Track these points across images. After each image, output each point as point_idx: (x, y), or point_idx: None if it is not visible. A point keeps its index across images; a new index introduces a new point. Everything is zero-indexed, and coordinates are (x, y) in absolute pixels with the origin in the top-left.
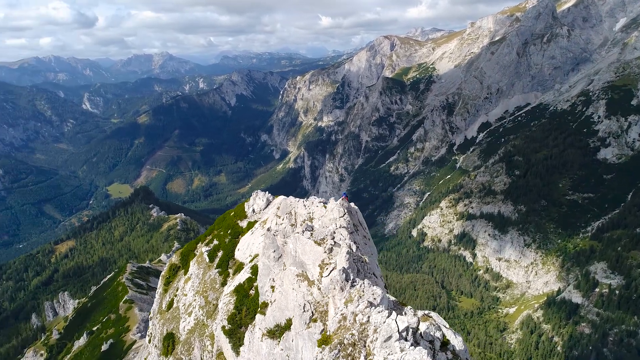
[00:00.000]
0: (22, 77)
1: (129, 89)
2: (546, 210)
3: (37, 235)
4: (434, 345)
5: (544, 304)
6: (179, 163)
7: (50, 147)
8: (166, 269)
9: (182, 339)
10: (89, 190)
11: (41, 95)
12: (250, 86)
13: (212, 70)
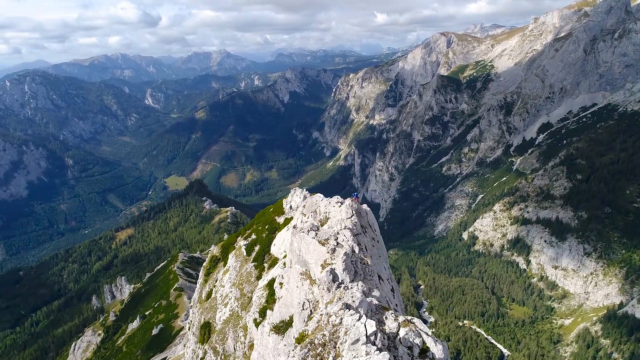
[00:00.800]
0: (92, 73)
1: (188, 85)
2: (610, 218)
3: (100, 222)
4: (412, 352)
5: (603, 317)
6: (232, 158)
7: (115, 139)
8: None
9: (218, 328)
10: (148, 182)
11: (108, 91)
12: (303, 83)
13: (267, 67)
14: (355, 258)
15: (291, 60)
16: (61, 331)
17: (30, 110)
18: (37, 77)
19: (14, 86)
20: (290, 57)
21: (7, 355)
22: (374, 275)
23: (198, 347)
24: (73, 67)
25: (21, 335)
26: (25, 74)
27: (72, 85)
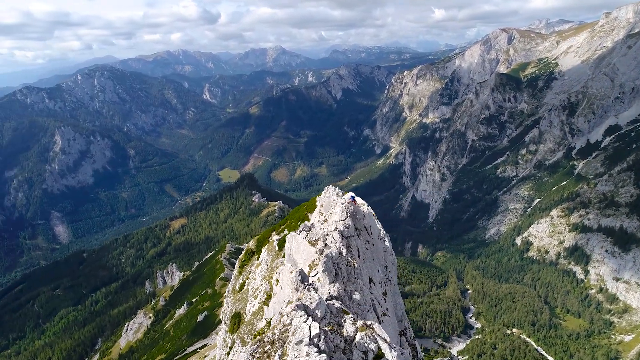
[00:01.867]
0: (155, 69)
1: (244, 81)
2: None
3: (157, 211)
4: (367, 356)
5: None
6: (284, 153)
7: (174, 132)
8: (243, 253)
9: (247, 319)
10: (203, 174)
11: (169, 86)
12: (356, 80)
13: (322, 64)
14: (339, 260)
15: (345, 57)
16: (117, 312)
17: (98, 103)
18: (105, 72)
19: (85, 80)
20: (344, 54)
21: (70, 330)
22: (360, 278)
23: (228, 336)
24: (138, 63)
25: (82, 312)
26: (95, 68)
27: (137, 80)
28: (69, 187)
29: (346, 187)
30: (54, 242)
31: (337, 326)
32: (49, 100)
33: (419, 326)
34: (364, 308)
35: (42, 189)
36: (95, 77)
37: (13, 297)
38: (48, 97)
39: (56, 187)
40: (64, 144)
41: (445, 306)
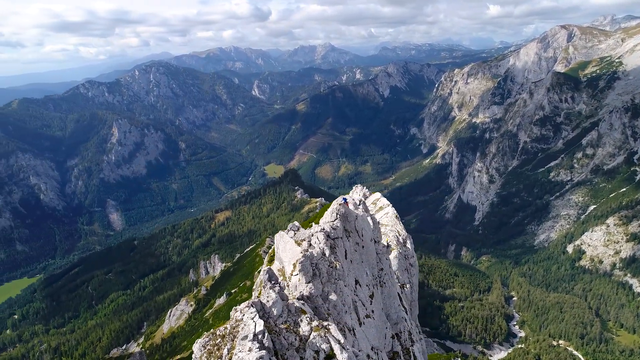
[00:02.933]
0: (208, 65)
1: (293, 77)
2: None
3: (204, 203)
4: (318, 356)
5: None
6: (328, 150)
7: (223, 127)
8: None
9: None
10: (249, 168)
11: (220, 82)
12: (405, 78)
13: (370, 61)
14: (319, 260)
15: (395, 54)
16: (162, 298)
17: (153, 97)
18: (160, 67)
19: (142, 75)
20: (394, 51)
21: (119, 313)
22: (342, 280)
23: None
24: (191, 59)
25: (130, 297)
26: (151, 64)
27: (189, 76)
28: (123, 177)
29: (390, 186)
30: (108, 228)
31: (294, 325)
32: (108, 94)
33: (459, 331)
34: (340, 309)
35: (100, 178)
36: (151, 73)
37: (70, 278)
38: (108, 91)
39: (112, 177)
40: (120, 136)
41: (487, 312)
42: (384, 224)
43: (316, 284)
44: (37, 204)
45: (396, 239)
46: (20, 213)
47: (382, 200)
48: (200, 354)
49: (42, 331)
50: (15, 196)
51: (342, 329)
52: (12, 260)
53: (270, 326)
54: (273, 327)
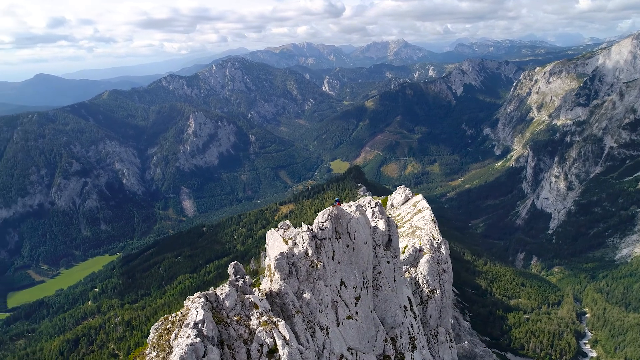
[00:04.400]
0: (281, 60)
1: (363, 74)
2: None
3: (270, 195)
4: (262, 349)
5: None
6: (395, 148)
7: (292, 121)
8: None
9: None
10: (315, 163)
11: (291, 77)
12: (480, 76)
13: (444, 58)
14: (297, 259)
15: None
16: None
17: (227, 91)
18: (236, 62)
19: (218, 70)
20: (470, 48)
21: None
22: (322, 280)
23: None
24: (266, 55)
25: (196, 280)
26: (227, 59)
27: (262, 71)
28: (197, 166)
29: (458, 187)
30: (181, 214)
31: (246, 318)
32: (187, 87)
33: (522, 344)
34: (314, 308)
35: (176, 166)
36: (227, 68)
37: (144, 259)
38: (187, 84)
39: (187, 166)
40: (196, 127)
41: (555, 327)
42: (420, 227)
43: (291, 282)
44: (120, 188)
45: (430, 243)
46: (105, 195)
47: (422, 203)
48: (153, 336)
49: (118, 305)
50: (102, 180)
51: (312, 327)
52: (96, 238)
53: (221, 317)
54: (224, 319)
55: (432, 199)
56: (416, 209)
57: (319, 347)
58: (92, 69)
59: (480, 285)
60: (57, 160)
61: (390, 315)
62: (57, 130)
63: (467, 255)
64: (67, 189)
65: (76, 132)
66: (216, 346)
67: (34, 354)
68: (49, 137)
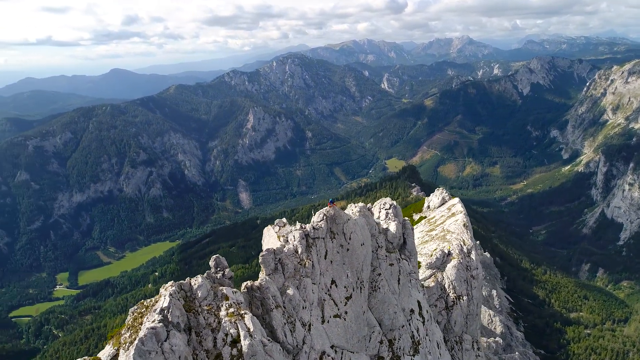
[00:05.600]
0: (340, 57)
1: (424, 71)
2: None
3: (325, 191)
4: (227, 338)
5: None
6: (454, 148)
7: (349, 118)
8: None
9: None
10: (371, 161)
11: (350, 74)
12: (549, 75)
13: (512, 55)
14: (284, 256)
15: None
16: None
17: (286, 88)
18: (296, 59)
19: (278, 66)
20: (541, 45)
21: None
22: (309, 277)
23: None
24: (325, 51)
25: (247, 270)
26: (288, 56)
27: (322, 68)
28: (254, 160)
29: (520, 191)
30: (237, 206)
31: (216, 308)
32: (248, 82)
33: None
34: (297, 304)
35: (234, 159)
36: (287, 64)
37: (201, 247)
38: (248, 80)
39: (244, 159)
40: (255, 122)
41: (620, 345)
42: (451, 231)
43: (276, 278)
44: (182, 178)
45: (459, 248)
46: (168, 185)
47: (457, 206)
48: (129, 318)
49: None
50: (166, 170)
51: (293, 322)
52: (159, 225)
53: (193, 306)
54: (195, 307)
55: (490, 202)
56: (450, 212)
57: (298, 342)
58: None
59: (538, 295)
60: (126, 150)
61: (388, 317)
62: (127, 121)
63: (525, 263)
64: (134, 177)
65: (144, 124)
66: (182, 332)
67: (99, 329)
68: (120, 128)
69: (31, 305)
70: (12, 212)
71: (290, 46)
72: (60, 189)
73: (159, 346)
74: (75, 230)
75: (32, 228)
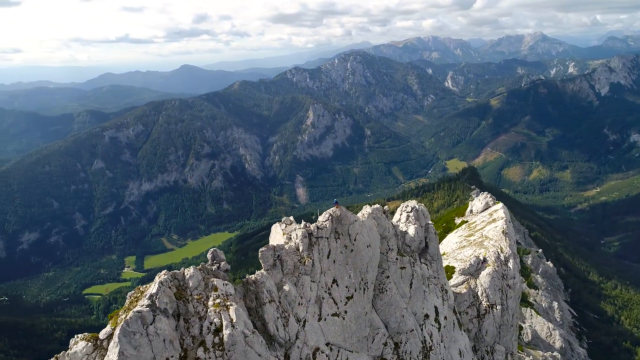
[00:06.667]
0: (404, 54)
1: (491, 70)
2: None
3: (381, 190)
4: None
5: None
6: (521, 150)
7: (409, 117)
8: None
9: None
10: (430, 161)
11: (412, 72)
12: (632, 74)
13: (590, 53)
14: (283, 252)
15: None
16: None
17: (347, 85)
18: (358, 56)
19: (340, 64)
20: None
21: None
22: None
23: None
24: (388, 49)
25: None
26: (350, 53)
27: (384, 65)
28: (312, 156)
29: (592, 199)
30: (294, 201)
31: (206, 298)
32: (309, 79)
33: None
34: (292, 300)
35: (293, 155)
36: (348, 61)
37: (258, 239)
38: (309, 77)
39: (303, 155)
40: (314, 119)
41: None
42: (489, 238)
43: (274, 273)
44: (242, 171)
45: (496, 255)
46: (229, 177)
47: (499, 212)
48: (127, 302)
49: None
50: (228, 163)
51: (286, 317)
52: (219, 215)
53: (184, 294)
54: (186, 296)
55: (558, 209)
56: (491, 218)
57: (290, 337)
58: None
59: (606, 311)
60: (191, 142)
61: (395, 320)
62: (193, 115)
63: (592, 275)
64: (198, 169)
65: (209, 118)
66: (169, 317)
67: None
68: (187, 121)
69: (102, 284)
70: (89, 197)
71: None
72: (131, 178)
73: (144, 329)
74: (143, 217)
75: (105, 213)
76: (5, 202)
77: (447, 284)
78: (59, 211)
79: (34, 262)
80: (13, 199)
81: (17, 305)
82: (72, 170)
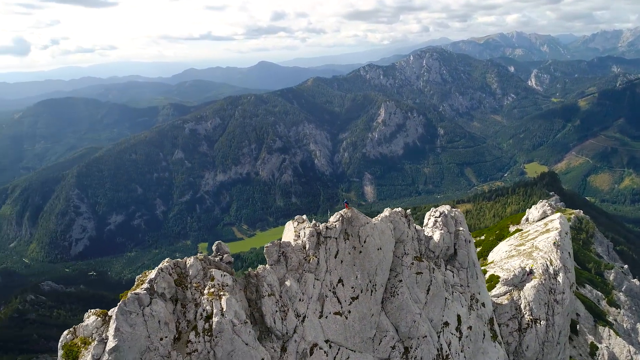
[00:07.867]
0: (484, 51)
1: (582, 68)
2: None
3: (452, 192)
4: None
5: None
6: (611, 156)
7: (487, 117)
8: None
9: None
10: (507, 164)
11: (492, 69)
12: None
13: None
14: (289, 249)
15: None
16: None
17: (422, 82)
18: (434, 53)
19: (415, 61)
20: None
21: None
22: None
23: None
24: (468, 45)
25: None
26: (426, 50)
27: (461, 62)
28: (382, 154)
29: None
30: (362, 198)
31: (203, 287)
32: (383, 76)
33: None
34: (293, 295)
35: (362, 152)
36: (424, 58)
37: None
38: (383, 74)
39: (372, 153)
40: (385, 116)
41: None
42: (539, 249)
43: (277, 269)
44: (311, 166)
45: (544, 267)
46: (298, 172)
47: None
48: (135, 284)
49: None
50: (298, 157)
51: (285, 311)
52: (287, 208)
53: (184, 282)
54: (186, 283)
55: None
56: (545, 228)
57: (288, 330)
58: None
59: None
60: (264, 137)
61: (405, 324)
62: (267, 111)
63: None
64: (269, 162)
65: (282, 113)
66: (167, 301)
67: None
68: (261, 116)
69: None
70: (169, 185)
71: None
72: (207, 168)
73: (140, 309)
74: (216, 206)
75: (183, 200)
76: (97, 185)
77: (481, 294)
78: (142, 197)
79: (118, 242)
80: (104, 184)
81: (103, 280)
82: (155, 159)
